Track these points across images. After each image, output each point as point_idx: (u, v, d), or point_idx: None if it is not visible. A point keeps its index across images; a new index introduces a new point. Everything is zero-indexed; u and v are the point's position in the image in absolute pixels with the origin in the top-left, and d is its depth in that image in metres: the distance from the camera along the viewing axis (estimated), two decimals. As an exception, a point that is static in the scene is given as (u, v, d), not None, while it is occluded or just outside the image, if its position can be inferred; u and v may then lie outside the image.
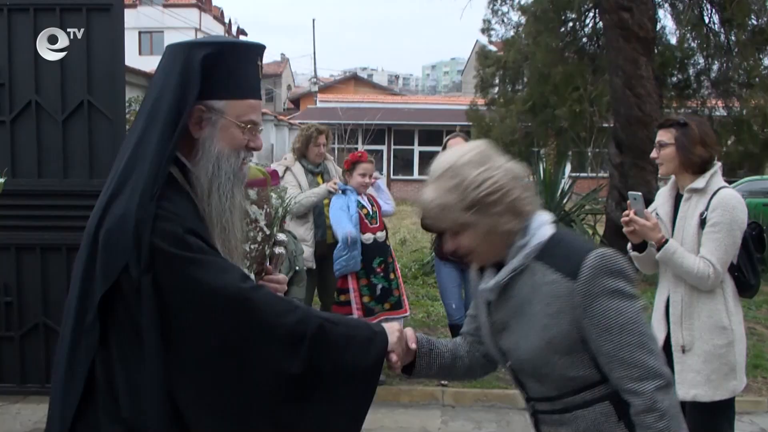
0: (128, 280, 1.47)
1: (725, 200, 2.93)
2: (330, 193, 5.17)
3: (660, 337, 3.10)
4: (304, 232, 5.27)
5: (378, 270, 5.08)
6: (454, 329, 5.42)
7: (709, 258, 2.90)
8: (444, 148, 5.31)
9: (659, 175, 3.27)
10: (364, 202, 5.14)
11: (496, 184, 1.62)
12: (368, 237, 5.05)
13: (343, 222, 4.90)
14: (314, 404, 1.55)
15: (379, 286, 5.05)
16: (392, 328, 1.70)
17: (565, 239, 1.69)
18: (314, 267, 5.27)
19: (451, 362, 1.92)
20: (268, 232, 2.08)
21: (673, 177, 3.19)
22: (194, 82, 1.58)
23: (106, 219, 1.53)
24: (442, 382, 5.31)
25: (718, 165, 3.07)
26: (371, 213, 5.11)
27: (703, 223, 2.95)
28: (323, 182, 5.44)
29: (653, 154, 3.15)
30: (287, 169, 5.45)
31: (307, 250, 5.21)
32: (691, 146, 3.02)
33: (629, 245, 3.16)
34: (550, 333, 1.63)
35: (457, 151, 1.70)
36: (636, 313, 1.62)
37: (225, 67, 1.63)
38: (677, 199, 3.15)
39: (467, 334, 1.98)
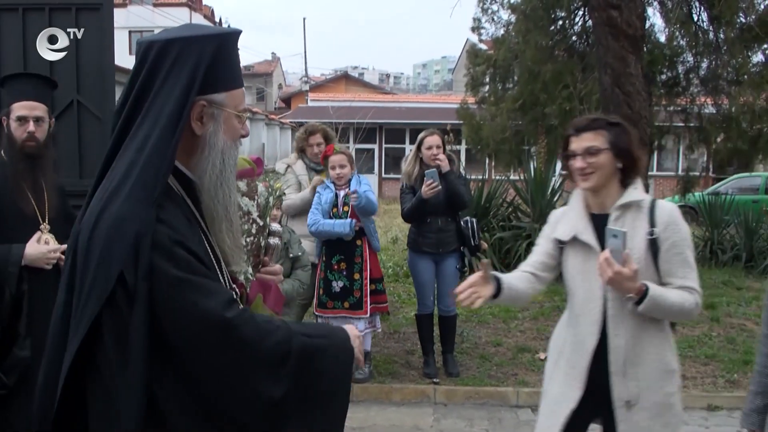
0: (122, 289, 1.42)
1: (673, 214, 2.52)
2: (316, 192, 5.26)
3: (568, 402, 2.58)
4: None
5: (335, 267, 5.12)
6: (425, 319, 5.49)
7: (689, 284, 2.49)
8: (419, 144, 5.35)
9: (585, 188, 2.58)
10: (339, 201, 5.16)
11: None
12: None
13: (331, 226, 5.06)
14: (300, 419, 1.53)
15: (339, 284, 5.11)
16: (353, 332, 1.69)
17: None
18: (317, 262, 5.26)
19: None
20: (261, 223, 2.06)
21: (578, 193, 2.67)
22: (198, 78, 1.54)
23: (100, 221, 1.47)
24: (434, 380, 5.33)
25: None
26: (340, 213, 5.14)
27: (653, 243, 2.49)
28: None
29: (579, 163, 2.53)
30: (288, 166, 5.52)
31: (309, 245, 5.23)
32: (631, 149, 2.54)
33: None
34: None
35: None
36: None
37: (225, 58, 1.61)
38: (594, 219, 2.61)
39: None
